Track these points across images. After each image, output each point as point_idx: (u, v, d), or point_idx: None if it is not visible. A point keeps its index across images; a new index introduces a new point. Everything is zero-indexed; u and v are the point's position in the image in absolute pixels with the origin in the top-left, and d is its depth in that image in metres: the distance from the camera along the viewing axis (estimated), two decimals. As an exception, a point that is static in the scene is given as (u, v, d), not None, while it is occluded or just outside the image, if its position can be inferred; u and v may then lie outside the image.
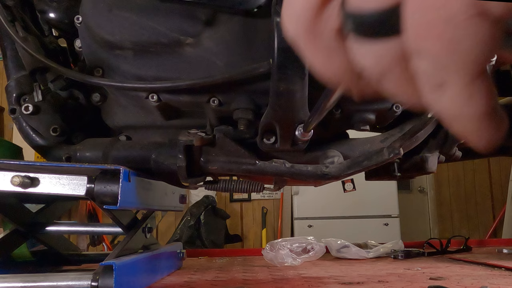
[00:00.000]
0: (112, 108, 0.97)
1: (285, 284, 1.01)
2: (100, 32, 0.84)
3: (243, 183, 0.93)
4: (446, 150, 0.99)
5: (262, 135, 0.86)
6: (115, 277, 0.76)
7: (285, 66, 0.71)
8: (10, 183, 0.78)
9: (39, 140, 0.95)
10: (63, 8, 0.93)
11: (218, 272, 1.24)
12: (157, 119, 0.95)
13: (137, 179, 0.87)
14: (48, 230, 1.21)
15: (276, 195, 4.45)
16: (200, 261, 1.61)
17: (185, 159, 0.85)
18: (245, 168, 0.87)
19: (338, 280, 1.06)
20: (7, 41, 0.98)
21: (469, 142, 0.20)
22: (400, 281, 1.02)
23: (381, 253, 1.59)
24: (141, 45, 0.84)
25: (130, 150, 0.93)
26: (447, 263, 1.40)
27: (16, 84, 0.93)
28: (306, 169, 0.86)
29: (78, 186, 0.80)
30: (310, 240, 1.47)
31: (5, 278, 0.80)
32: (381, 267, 1.31)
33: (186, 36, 0.82)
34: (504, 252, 1.64)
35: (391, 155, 0.81)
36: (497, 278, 1.06)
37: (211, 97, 0.85)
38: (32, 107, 0.90)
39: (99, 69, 0.89)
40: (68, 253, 1.31)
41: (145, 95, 0.86)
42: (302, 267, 1.32)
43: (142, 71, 0.86)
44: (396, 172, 1.00)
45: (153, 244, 1.20)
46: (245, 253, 1.86)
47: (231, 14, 0.81)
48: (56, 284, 0.79)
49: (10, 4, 0.92)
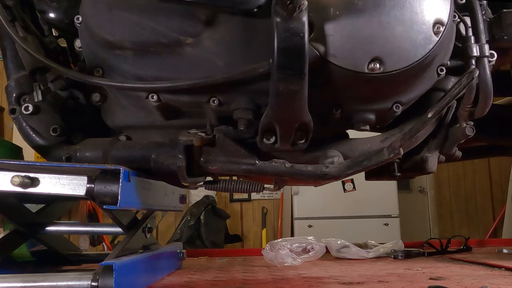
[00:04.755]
0: (112, 108, 0.97)
1: (285, 284, 1.01)
2: (100, 32, 0.84)
3: (243, 183, 0.93)
4: (446, 150, 0.99)
5: (262, 135, 0.86)
6: (115, 277, 0.76)
7: (285, 66, 0.71)
8: (10, 183, 0.78)
9: (39, 140, 0.95)
10: (63, 8, 0.93)
11: (218, 272, 1.24)
12: (157, 119, 0.95)
13: (137, 179, 0.87)
14: (48, 230, 1.21)
15: (276, 195, 4.45)
16: (200, 261, 1.61)
17: (185, 159, 0.85)
18: (245, 168, 0.87)
19: (338, 280, 1.06)
20: (7, 41, 0.98)
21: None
22: (400, 281, 1.02)
23: (381, 253, 1.59)
24: (141, 45, 0.84)
25: (130, 150, 0.93)
26: (447, 263, 1.40)
27: (16, 84, 0.93)
28: (306, 169, 0.86)
29: (78, 186, 0.80)
30: (310, 240, 1.47)
31: (5, 278, 0.80)
32: (381, 267, 1.31)
33: (186, 36, 0.82)
34: (504, 252, 1.64)
35: (391, 155, 0.81)
36: (497, 278, 1.06)
37: (211, 97, 0.85)
38: (32, 107, 0.90)
39: (99, 69, 0.89)
40: (68, 253, 1.31)
41: (145, 95, 0.86)
42: (302, 267, 1.32)
43: (142, 71, 0.86)
44: (396, 172, 1.00)
45: (153, 244, 1.20)
46: (245, 253, 1.86)
47: (231, 14, 0.81)
48: (56, 284, 0.79)
49: (10, 4, 0.92)
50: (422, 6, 0.80)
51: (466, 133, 0.94)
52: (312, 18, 0.74)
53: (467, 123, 0.94)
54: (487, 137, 1.25)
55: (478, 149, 1.43)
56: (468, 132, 0.94)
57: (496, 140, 1.29)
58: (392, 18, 0.78)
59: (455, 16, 0.87)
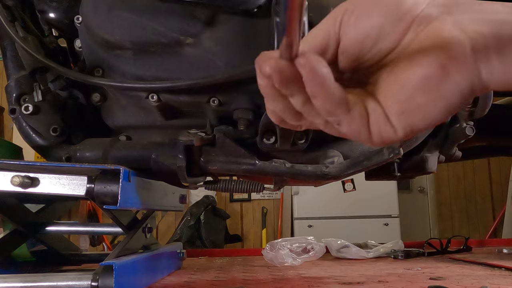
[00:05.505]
0: (112, 108, 0.97)
1: (285, 284, 1.01)
2: (100, 32, 0.84)
3: (243, 183, 0.93)
4: (446, 150, 0.99)
5: (262, 135, 0.86)
6: (115, 277, 0.76)
7: (285, 66, 0.71)
8: (10, 183, 0.78)
9: (39, 140, 0.95)
10: (63, 8, 0.93)
11: (218, 272, 1.24)
12: (157, 119, 0.95)
13: (137, 179, 0.87)
14: (48, 230, 1.21)
15: (276, 195, 4.45)
16: (200, 261, 1.61)
17: (185, 159, 0.85)
18: (245, 168, 0.87)
19: (338, 280, 1.06)
20: (7, 41, 0.98)
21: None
22: (400, 281, 1.02)
23: (381, 253, 1.59)
24: (141, 45, 0.84)
25: (130, 150, 0.93)
26: (447, 263, 1.40)
27: (16, 84, 0.93)
28: (306, 169, 0.86)
29: (78, 186, 0.80)
30: (310, 240, 1.47)
31: (5, 278, 0.80)
32: (381, 267, 1.31)
33: (186, 36, 0.82)
34: (504, 252, 1.64)
35: (391, 155, 0.81)
36: (497, 278, 1.06)
37: (211, 97, 0.85)
38: (32, 107, 0.90)
39: (99, 69, 0.89)
40: (68, 253, 1.31)
41: (145, 95, 0.86)
42: (302, 267, 1.32)
43: (142, 71, 0.86)
44: (396, 172, 1.00)
45: (153, 244, 1.20)
46: (245, 253, 1.86)
47: (231, 14, 0.81)
48: (56, 284, 0.79)
49: (10, 4, 0.92)
50: (422, 6, 0.80)
51: (466, 133, 0.94)
52: (312, 18, 0.74)
53: (467, 123, 0.94)
54: (487, 137, 1.25)
55: (478, 149, 1.43)
56: (468, 132, 0.94)
57: (496, 140, 1.29)
58: (392, 18, 0.78)
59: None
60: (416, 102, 0.32)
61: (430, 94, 0.31)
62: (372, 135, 0.34)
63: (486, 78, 0.30)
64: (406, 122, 0.32)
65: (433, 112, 0.32)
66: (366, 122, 0.33)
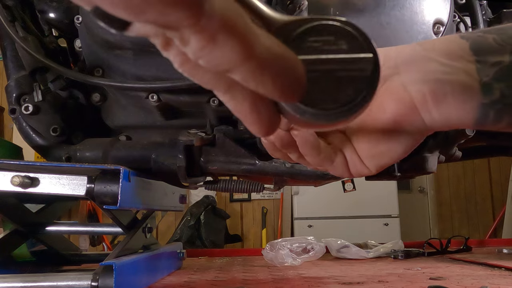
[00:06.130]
0: (112, 108, 0.97)
1: (285, 284, 1.01)
2: (100, 32, 0.84)
3: (243, 183, 0.93)
4: (446, 150, 0.99)
5: (262, 135, 0.86)
6: (115, 277, 0.76)
7: (285, 66, 0.71)
8: (10, 183, 0.78)
9: (39, 140, 0.95)
10: (63, 8, 0.93)
11: (218, 272, 1.24)
12: (157, 119, 0.95)
13: (137, 179, 0.87)
14: (48, 230, 1.21)
15: (276, 195, 4.45)
16: (200, 261, 1.61)
17: (185, 159, 0.85)
18: (245, 168, 0.87)
19: (338, 280, 1.06)
20: (7, 41, 0.98)
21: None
22: (400, 281, 1.02)
23: (381, 253, 1.59)
24: (141, 45, 0.84)
25: (130, 150, 0.93)
26: (447, 263, 1.40)
27: (16, 84, 0.93)
28: (306, 169, 0.86)
29: (78, 186, 0.80)
30: (310, 240, 1.46)
31: (5, 278, 0.80)
32: (381, 267, 1.31)
33: (186, 36, 0.82)
34: (504, 252, 1.64)
35: (391, 155, 0.81)
36: (497, 278, 1.06)
37: (211, 97, 0.85)
38: (32, 107, 0.90)
39: (99, 69, 0.89)
40: (68, 253, 1.31)
41: (145, 95, 0.86)
42: (302, 267, 1.32)
43: (142, 71, 0.86)
44: (396, 172, 1.00)
45: (153, 244, 1.20)
46: (245, 253, 1.86)
47: (231, 14, 0.81)
48: (56, 284, 0.79)
49: (10, 4, 0.92)
50: (422, 6, 0.80)
51: (466, 133, 0.94)
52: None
53: (467, 123, 0.94)
54: (487, 137, 1.25)
55: (478, 149, 1.42)
56: (468, 132, 0.94)
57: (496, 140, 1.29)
58: (392, 18, 0.78)
59: (455, 16, 0.87)
60: (380, 149, 0.42)
61: (389, 143, 0.41)
62: (352, 174, 0.44)
63: (430, 124, 0.39)
64: (375, 163, 0.43)
65: (395, 154, 0.42)
66: (346, 166, 0.44)
